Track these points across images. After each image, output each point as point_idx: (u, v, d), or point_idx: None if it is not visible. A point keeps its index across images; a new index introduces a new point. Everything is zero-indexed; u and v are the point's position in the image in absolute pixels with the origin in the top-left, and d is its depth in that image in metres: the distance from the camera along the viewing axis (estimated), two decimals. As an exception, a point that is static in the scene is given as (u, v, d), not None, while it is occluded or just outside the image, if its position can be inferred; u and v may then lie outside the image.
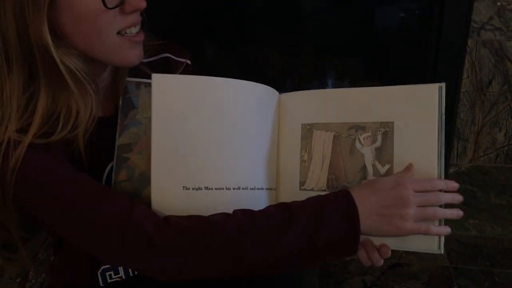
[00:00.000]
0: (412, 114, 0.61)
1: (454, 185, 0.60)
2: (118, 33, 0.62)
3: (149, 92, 0.66)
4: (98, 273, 0.74)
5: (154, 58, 0.77)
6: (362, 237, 0.58)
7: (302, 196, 0.62)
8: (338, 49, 1.44)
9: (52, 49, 0.58)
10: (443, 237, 0.59)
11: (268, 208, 0.60)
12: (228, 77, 0.69)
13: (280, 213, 0.58)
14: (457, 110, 1.28)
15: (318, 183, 0.67)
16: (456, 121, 1.29)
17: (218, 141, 0.67)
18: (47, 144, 0.61)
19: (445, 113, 0.60)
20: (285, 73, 1.50)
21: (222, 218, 0.59)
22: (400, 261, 1.33)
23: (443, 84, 0.60)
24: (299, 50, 1.46)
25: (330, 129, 0.67)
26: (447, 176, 0.61)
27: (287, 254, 0.57)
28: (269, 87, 0.71)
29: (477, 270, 1.29)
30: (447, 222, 0.59)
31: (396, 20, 1.37)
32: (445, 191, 0.60)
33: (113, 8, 0.59)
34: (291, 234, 0.56)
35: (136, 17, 0.63)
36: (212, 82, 0.68)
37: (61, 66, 0.60)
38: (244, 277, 0.60)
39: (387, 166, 0.63)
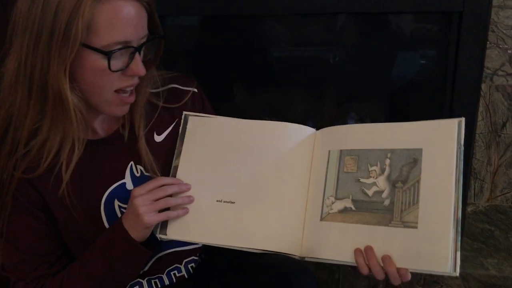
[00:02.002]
0: (436, 143, 0.69)
1: (176, 180, 0.77)
2: (116, 90, 0.71)
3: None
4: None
5: (162, 89, 0.85)
6: (381, 258, 0.65)
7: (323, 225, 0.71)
8: (358, 93, 1.51)
9: (67, 91, 0.67)
10: (458, 260, 0.63)
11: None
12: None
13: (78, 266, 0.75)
14: (473, 151, 1.34)
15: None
16: (472, 161, 1.34)
17: (229, 167, 0.80)
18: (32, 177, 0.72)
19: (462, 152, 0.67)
20: (308, 116, 1.58)
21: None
22: (419, 297, 1.34)
23: (463, 119, 0.68)
24: (321, 95, 1.53)
25: (356, 154, 0.74)
26: (464, 215, 0.68)
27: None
28: (299, 125, 0.80)
29: (496, 309, 1.30)
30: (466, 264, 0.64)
31: (414, 66, 1.45)
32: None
33: (116, 71, 0.68)
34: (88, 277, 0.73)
35: (134, 80, 0.72)
36: (240, 124, 0.83)
37: (71, 104, 0.68)
38: None
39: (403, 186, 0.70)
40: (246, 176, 0.79)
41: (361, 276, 1.43)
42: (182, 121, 0.84)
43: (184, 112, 0.84)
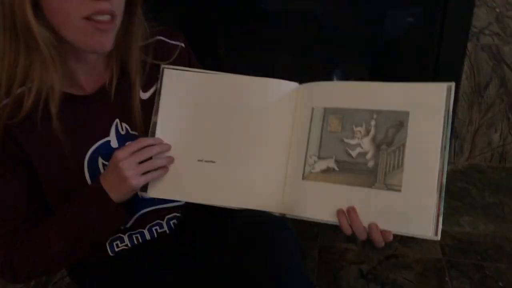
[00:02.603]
0: (424, 107, 0.67)
1: (160, 140, 0.76)
2: (86, 18, 0.64)
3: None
4: (107, 244, 0.81)
5: (147, 42, 0.80)
6: (367, 221, 0.66)
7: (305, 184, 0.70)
8: (342, 51, 1.48)
9: (32, 21, 0.63)
10: (440, 224, 0.63)
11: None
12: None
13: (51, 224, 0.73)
14: (456, 110, 1.34)
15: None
16: (454, 120, 1.35)
17: (210, 125, 0.78)
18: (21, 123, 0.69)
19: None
20: (291, 74, 1.55)
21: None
22: (395, 253, 1.39)
23: (453, 84, 0.66)
24: (306, 52, 1.50)
25: (341, 113, 0.73)
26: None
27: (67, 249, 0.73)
28: (282, 80, 0.78)
29: (468, 263, 1.35)
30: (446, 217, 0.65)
31: (400, 24, 1.42)
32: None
33: None
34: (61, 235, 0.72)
35: (105, 5, 0.64)
36: (219, 78, 0.79)
37: (39, 37, 0.64)
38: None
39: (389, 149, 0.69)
40: (227, 133, 0.77)
41: (340, 232, 1.46)
42: (160, 75, 0.79)
43: (162, 65, 0.80)
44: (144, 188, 0.76)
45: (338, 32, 1.44)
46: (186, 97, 0.79)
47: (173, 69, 0.79)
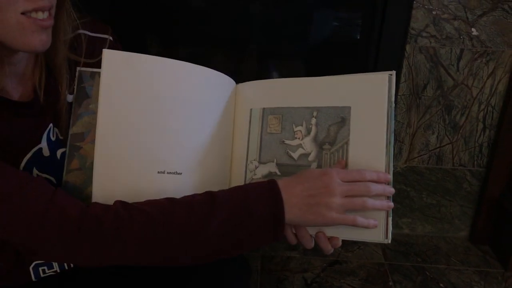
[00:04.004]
0: (365, 100, 0.63)
1: (387, 177, 0.60)
2: (24, 13, 0.57)
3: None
4: (30, 268, 0.70)
5: (69, 36, 0.71)
6: (314, 229, 0.60)
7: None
8: (279, 52, 1.45)
9: None
10: (390, 227, 0.59)
11: (192, 197, 0.59)
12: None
13: (203, 205, 0.58)
14: (395, 113, 1.34)
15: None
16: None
17: (165, 123, 0.66)
18: None
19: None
20: (226, 73, 1.50)
21: (142, 207, 0.58)
22: (338, 259, 1.36)
23: (393, 73, 0.61)
24: (242, 52, 1.46)
25: (280, 113, 0.67)
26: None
27: (208, 246, 0.57)
28: (225, 75, 0.71)
29: (410, 266, 1.35)
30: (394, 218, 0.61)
31: (338, 26, 1.41)
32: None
33: None
34: (213, 225, 0.56)
35: (44, 2, 0.59)
36: (167, 63, 0.67)
37: None
38: (165, 265, 0.61)
39: (330, 148, 0.64)
40: (172, 136, 0.66)
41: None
42: (76, 79, 0.69)
43: (78, 68, 0.70)
44: None
45: (274, 32, 1.40)
46: (130, 92, 0.65)
47: (113, 54, 0.66)
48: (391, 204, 0.60)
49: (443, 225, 1.49)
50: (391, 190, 0.60)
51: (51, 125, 0.68)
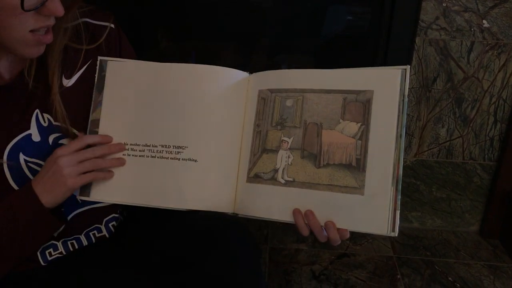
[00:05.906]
0: (377, 94, 0.63)
1: (107, 139, 0.71)
2: (31, 30, 0.61)
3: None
4: (38, 253, 0.72)
5: (70, 24, 0.73)
6: (323, 220, 0.62)
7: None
8: (290, 46, 1.45)
9: None
10: (398, 220, 0.60)
11: None
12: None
13: None
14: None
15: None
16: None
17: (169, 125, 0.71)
18: None
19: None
20: (237, 67, 1.50)
21: None
22: (346, 252, 1.36)
23: (407, 67, 0.62)
24: (252, 46, 1.45)
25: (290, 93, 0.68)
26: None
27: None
28: (231, 68, 0.72)
29: (418, 259, 1.35)
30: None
31: (348, 19, 1.40)
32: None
33: (30, 10, 0.58)
34: None
35: (51, 21, 0.63)
36: (165, 68, 0.72)
37: None
38: None
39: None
40: (177, 129, 0.70)
41: (290, 232, 1.42)
42: (98, 67, 0.73)
43: (99, 57, 0.73)
44: (86, 191, 0.71)
45: (285, 27, 1.40)
46: (132, 90, 0.72)
47: (116, 60, 0.73)
48: (123, 161, 0.70)
49: (453, 219, 1.49)
50: (119, 147, 0.71)
51: (37, 110, 0.70)
